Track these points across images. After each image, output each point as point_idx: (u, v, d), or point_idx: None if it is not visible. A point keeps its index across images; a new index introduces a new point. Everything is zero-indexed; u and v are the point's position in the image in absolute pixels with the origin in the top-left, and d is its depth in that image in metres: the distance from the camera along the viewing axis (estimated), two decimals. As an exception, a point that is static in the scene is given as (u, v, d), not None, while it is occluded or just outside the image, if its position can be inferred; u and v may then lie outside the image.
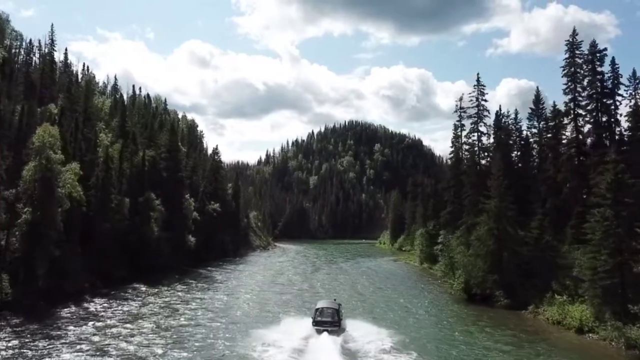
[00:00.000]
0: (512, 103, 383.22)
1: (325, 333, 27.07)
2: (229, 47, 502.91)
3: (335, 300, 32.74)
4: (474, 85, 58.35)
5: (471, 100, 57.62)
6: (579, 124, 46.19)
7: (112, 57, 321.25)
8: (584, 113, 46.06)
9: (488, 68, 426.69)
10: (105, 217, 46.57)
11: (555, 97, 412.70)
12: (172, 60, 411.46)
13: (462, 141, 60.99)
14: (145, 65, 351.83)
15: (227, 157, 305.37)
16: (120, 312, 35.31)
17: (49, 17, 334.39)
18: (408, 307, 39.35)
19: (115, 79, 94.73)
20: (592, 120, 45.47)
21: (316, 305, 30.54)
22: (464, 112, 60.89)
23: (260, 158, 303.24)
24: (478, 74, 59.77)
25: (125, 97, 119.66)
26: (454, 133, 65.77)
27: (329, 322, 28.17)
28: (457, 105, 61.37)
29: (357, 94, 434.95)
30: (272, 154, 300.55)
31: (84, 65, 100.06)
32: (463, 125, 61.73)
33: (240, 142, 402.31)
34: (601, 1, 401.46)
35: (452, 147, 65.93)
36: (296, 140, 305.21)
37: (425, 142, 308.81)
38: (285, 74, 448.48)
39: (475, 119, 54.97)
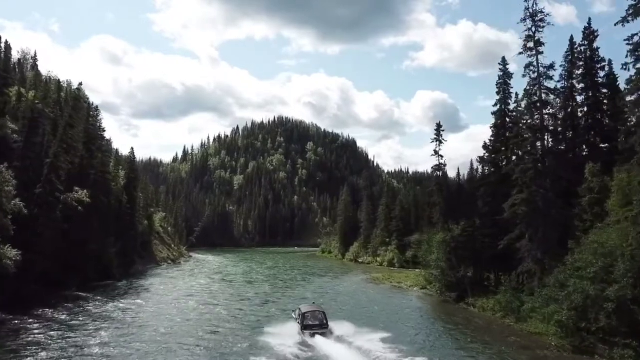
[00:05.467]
0: (426, 115, 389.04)
1: (318, 336, 26.24)
2: (143, 45, 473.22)
3: (314, 303, 32.65)
4: None
5: None
6: None
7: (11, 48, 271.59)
8: None
9: (404, 80, 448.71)
10: None
11: (466, 109, 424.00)
12: (80, 54, 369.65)
13: (540, 80, 32.63)
14: (49, 59, 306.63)
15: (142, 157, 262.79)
16: None
17: None
18: None
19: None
20: None
21: (300, 310, 29.34)
22: (540, 44, 32.69)
23: (177, 155, 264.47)
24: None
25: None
26: (500, 80, 39.06)
27: (319, 325, 27.67)
28: (526, 19, 32.92)
29: (280, 99, 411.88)
30: (190, 151, 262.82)
31: None
32: (543, 53, 32.51)
33: (158, 145, 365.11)
34: (507, 21, 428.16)
35: (497, 105, 39.14)
36: (219, 136, 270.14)
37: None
38: (205, 76, 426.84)
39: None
